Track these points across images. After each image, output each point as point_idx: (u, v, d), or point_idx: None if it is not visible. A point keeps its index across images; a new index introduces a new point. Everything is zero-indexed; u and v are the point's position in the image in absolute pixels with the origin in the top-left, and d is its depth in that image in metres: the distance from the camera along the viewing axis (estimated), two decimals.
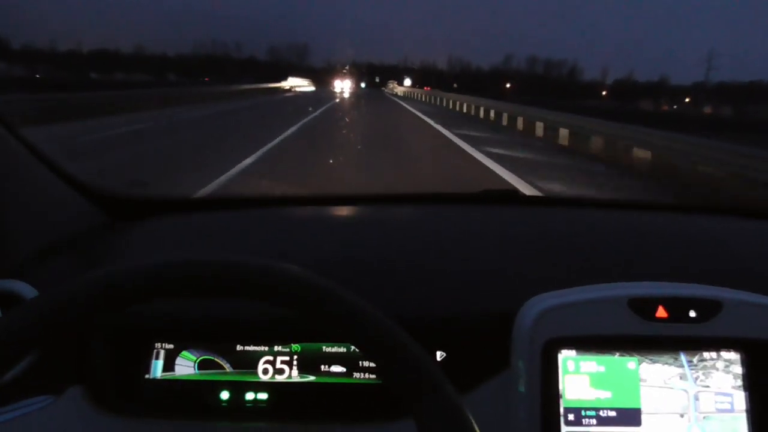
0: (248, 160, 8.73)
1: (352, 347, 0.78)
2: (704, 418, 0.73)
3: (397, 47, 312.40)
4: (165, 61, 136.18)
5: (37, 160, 0.98)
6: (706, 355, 0.75)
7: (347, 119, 21.18)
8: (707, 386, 0.74)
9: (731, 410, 0.74)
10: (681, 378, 0.74)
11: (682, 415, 0.73)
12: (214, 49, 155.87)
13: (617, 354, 0.74)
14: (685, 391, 0.74)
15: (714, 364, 0.75)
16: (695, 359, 0.75)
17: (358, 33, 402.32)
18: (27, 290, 0.80)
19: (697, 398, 0.74)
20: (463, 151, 11.24)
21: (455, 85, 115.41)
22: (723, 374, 0.75)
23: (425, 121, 19.53)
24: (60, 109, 13.75)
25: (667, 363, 0.75)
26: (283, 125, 15.03)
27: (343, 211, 1.26)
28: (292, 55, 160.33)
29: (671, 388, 0.74)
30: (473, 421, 0.49)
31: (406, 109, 28.42)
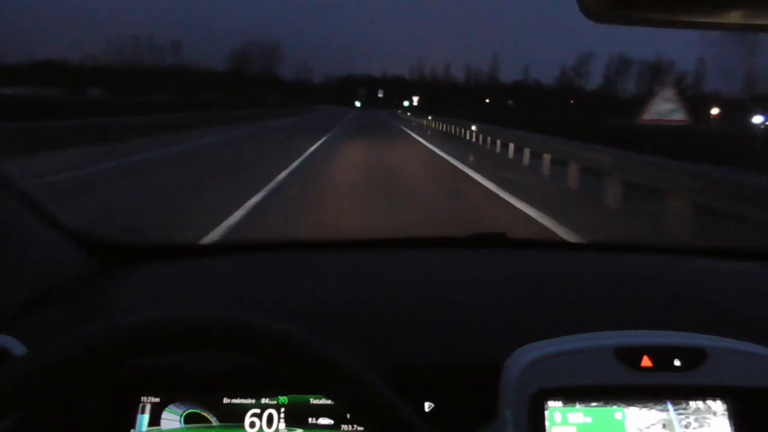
0: None
1: None
2: None
3: (407, 54, 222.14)
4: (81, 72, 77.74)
5: (25, 206, 0.96)
6: (692, 404, 0.75)
7: None
8: None
9: None
10: (667, 428, 0.74)
11: None
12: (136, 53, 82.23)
13: (604, 404, 0.74)
14: None
15: (709, 408, 0.74)
16: (683, 408, 0.75)
17: (352, 33, 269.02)
18: (15, 346, 0.78)
19: None
20: None
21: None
22: (719, 419, 0.74)
23: None
24: None
25: (653, 412, 0.74)
26: None
27: (330, 257, 1.26)
28: (260, 60, 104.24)
29: None
30: None
31: None
